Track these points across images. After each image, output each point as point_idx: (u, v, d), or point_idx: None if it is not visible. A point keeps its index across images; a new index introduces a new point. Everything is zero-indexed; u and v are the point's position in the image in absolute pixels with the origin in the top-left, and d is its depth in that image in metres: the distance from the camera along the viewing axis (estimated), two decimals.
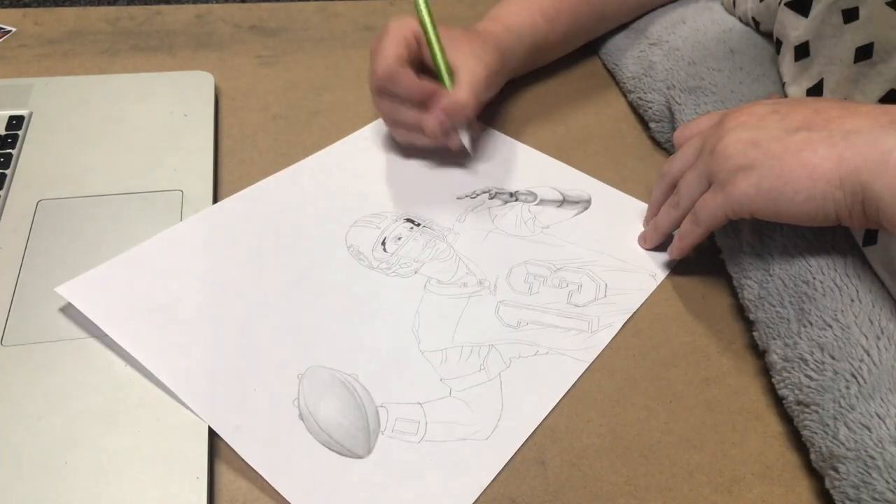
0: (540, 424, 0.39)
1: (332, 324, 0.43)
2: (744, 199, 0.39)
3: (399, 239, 0.48)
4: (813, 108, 0.39)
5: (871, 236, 0.39)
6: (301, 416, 0.38)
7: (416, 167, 0.54)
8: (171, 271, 0.44)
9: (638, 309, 0.45)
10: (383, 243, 0.48)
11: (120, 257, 0.44)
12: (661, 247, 0.49)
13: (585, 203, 0.52)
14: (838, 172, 0.36)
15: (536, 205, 0.52)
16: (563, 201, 0.52)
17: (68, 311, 0.42)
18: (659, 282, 0.47)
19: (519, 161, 0.55)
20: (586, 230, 0.50)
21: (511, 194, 0.52)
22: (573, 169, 0.55)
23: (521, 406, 0.40)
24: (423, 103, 0.50)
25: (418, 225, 0.49)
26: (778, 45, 0.51)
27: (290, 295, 0.44)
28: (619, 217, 0.51)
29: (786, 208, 0.38)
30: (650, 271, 0.48)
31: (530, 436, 0.39)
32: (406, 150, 0.55)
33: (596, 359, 0.43)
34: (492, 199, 0.52)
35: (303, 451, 0.37)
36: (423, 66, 0.52)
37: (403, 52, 0.48)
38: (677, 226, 0.46)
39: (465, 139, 0.52)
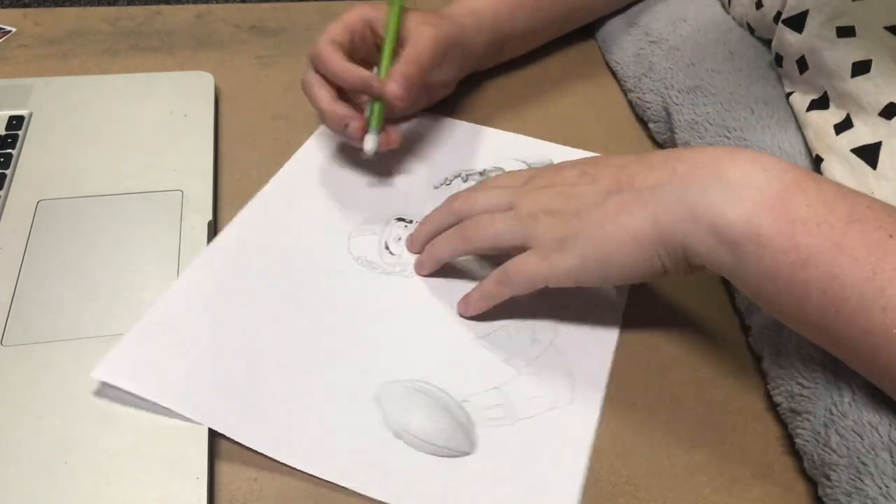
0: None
1: (379, 338, 0.42)
2: (571, 270, 0.39)
3: (399, 239, 0.48)
4: (616, 165, 0.40)
5: None
6: (396, 435, 0.38)
7: (381, 168, 0.53)
8: (200, 326, 0.41)
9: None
10: (386, 247, 0.47)
11: (142, 323, 0.41)
12: None
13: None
14: (657, 233, 0.37)
15: None
16: (529, 169, 0.53)
17: (69, 311, 0.42)
18: None
19: (475, 140, 0.56)
20: None
21: (481, 173, 0.53)
22: (527, 137, 0.56)
23: (585, 363, 0.42)
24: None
25: (410, 221, 0.49)
26: (778, 59, 0.51)
27: (325, 326, 0.43)
28: None
29: (615, 273, 0.39)
30: None
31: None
32: (355, 165, 0.53)
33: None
34: (465, 182, 0.53)
35: (414, 465, 0.37)
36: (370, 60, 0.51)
37: (341, 34, 0.48)
38: (457, 257, 0.45)
39: (370, 142, 0.49)
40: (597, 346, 0.43)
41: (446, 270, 0.46)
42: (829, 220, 0.32)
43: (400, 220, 0.49)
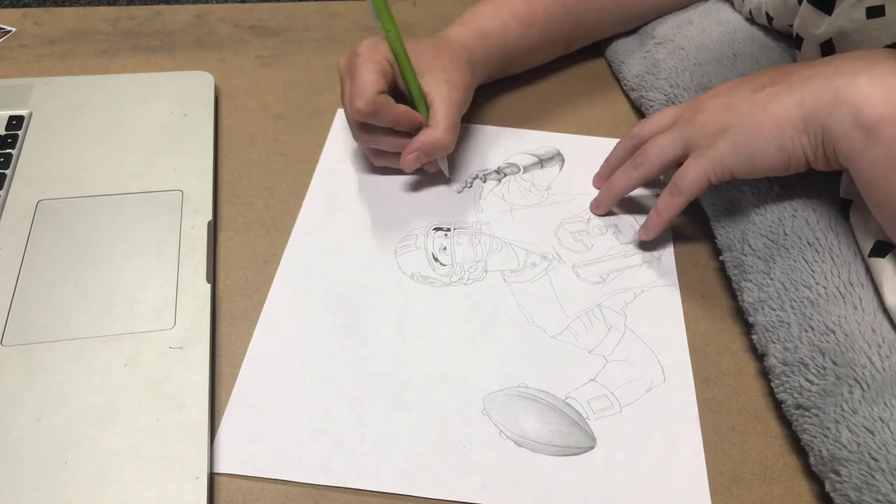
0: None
1: (462, 351, 0.42)
2: (724, 159, 0.41)
3: (444, 249, 0.47)
4: (779, 68, 0.42)
5: (879, 248, 0.39)
6: (518, 444, 0.38)
7: (395, 183, 0.52)
8: (287, 387, 0.40)
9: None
10: (435, 259, 0.47)
11: (232, 400, 0.39)
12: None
13: (559, 156, 0.55)
14: (801, 116, 0.38)
15: (524, 173, 0.54)
16: (541, 160, 0.54)
17: (68, 311, 0.42)
18: None
19: (479, 140, 0.56)
20: (580, 178, 0.53)
21: (497, 171, 0.54)
22: (528, 130, 0.57)
23: (662, 341, 0.43)
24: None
25: (448, 229, 0.49)
26: (798, 41, 0.50)
27: (406, 351, 0.42)
28: (598, 157, 0.53)
29: (761, 161, 0.40)
30: (654, 192, 0.52)
31: None
32: (376, 171, 0.53)
33: None
34: (484, 182, 0.53)
35: (546, 470, 0.37)
36: (397, 88, 0.50)
37: (382, 83, 0.47)
38: (633, 188, 0.48)
39: (444, 167, 0.52)
40: (666, 322, 0.44)
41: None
42: None
43: (437, 229, 0.49)
